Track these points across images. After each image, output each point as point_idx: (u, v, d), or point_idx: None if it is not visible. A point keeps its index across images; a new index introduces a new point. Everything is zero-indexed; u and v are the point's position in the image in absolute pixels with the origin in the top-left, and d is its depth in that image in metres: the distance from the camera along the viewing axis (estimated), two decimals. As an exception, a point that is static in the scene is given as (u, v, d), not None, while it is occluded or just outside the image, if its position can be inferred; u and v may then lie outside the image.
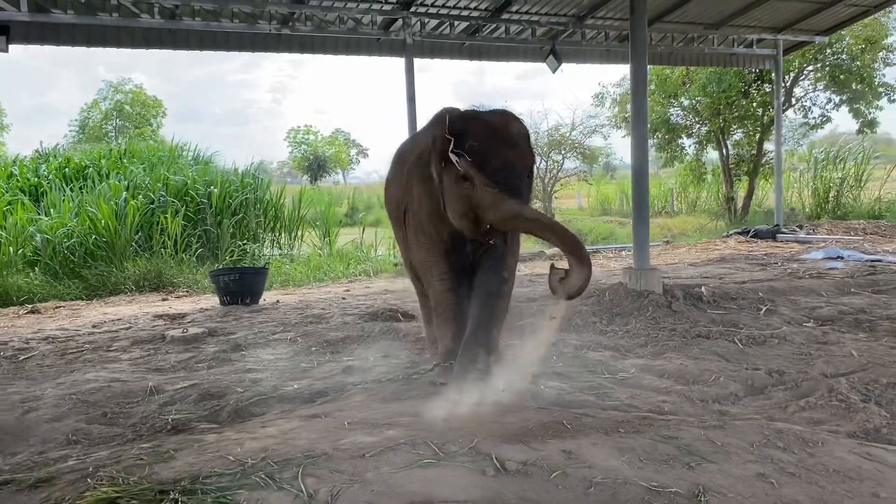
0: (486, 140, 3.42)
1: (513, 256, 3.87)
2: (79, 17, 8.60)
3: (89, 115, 48.46)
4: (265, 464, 2.65)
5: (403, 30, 10.37)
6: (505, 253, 3.74)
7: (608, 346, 5.15)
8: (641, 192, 6.64)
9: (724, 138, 18.23)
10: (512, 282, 3.88)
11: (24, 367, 5.18)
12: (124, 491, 2.45)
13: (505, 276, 3.76)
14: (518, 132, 3.59)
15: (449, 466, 2.56)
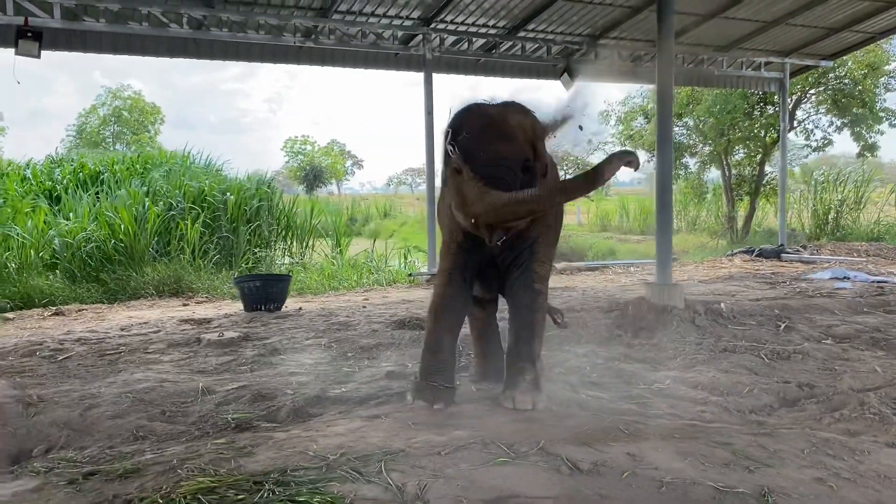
0: (479, 133, 3.30)
1: (541, 264, 3.68)
2: (109, 25, 8.77)
3: (87, 121, 48.49)
4: (346, 459, 2.79)
5: (424, 45, 10.57)
6: (532, 261, 3.63)
7: (638, 358, 5.30)
8: (665, 208, 6.84)
9: (728, 158, 18.51)
10: (545, 292, 3.76)
11: (67, 367, 5.29)
12: (220, 481, 2.58)
13: (536, 287, 3.65)
14: (518, 124, 3.39)
15: (523, 465, 2.70)
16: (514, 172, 3.26)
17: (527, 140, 3.34)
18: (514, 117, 3.38)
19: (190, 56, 9.86)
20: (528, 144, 3.34)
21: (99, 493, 2.66)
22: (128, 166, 13.97)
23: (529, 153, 3.33)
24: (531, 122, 3.42)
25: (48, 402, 4.11)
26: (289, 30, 9.80)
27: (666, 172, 6.83)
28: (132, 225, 10.31)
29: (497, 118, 3.36)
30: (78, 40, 9.12)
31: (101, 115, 48.45)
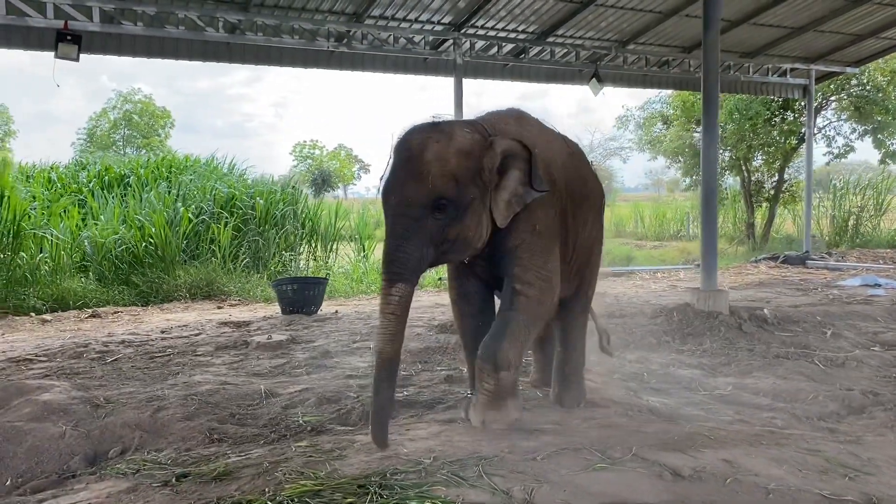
0: (394, 171, 3.07)
1: (524, 269, 3.30)
2: (147, 29, 8.80)
3: (98, 124, 48.66)
4: (441, 463, 2.78)
5: (454, 50, 10.58)
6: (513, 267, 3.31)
7: (692, 364, 5.28)
8: (711, 214, 6.82)
9: (748, 165, 18.47)
10: (533, 293, 3.30)
11: (121, 369, 5.30)
12: (323, 484, 2.58)
13: (517, 287, 3.29)
14: (436, 156, 3.01)
15: (623, 471, 2.69)
16: (417, 221, 2.97)
17: (445, 174, 2.98)
18: (432, 148, 3.01)
19: (223, 60, 9.88)
20: (446, 179, 2.98)
21: (199, 494, 2.66)
22: (152, 170, 14.00)
23: (448, 189, 2.99)
24: (457, 150, 3.05)
25: (115, 403, 4.12)
26: (322, 34, 9.82)
27: (711, 179, 6.83)
28: (164, 228, 10.34)
29: (416, 151, 3.03)
30: (114, 44, 9.15)
31: (111, 119, 48.60)
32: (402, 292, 2.97)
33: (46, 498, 2.90)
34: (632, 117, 19.70)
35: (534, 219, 3.32)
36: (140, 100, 48.79)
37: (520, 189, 3.19)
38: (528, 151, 3.19)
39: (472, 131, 3.18)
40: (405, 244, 2.98)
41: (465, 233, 3.12)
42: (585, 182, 3.78)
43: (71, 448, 3.60)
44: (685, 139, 18.46)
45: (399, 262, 2.98)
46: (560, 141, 3.77)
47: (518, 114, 3.69)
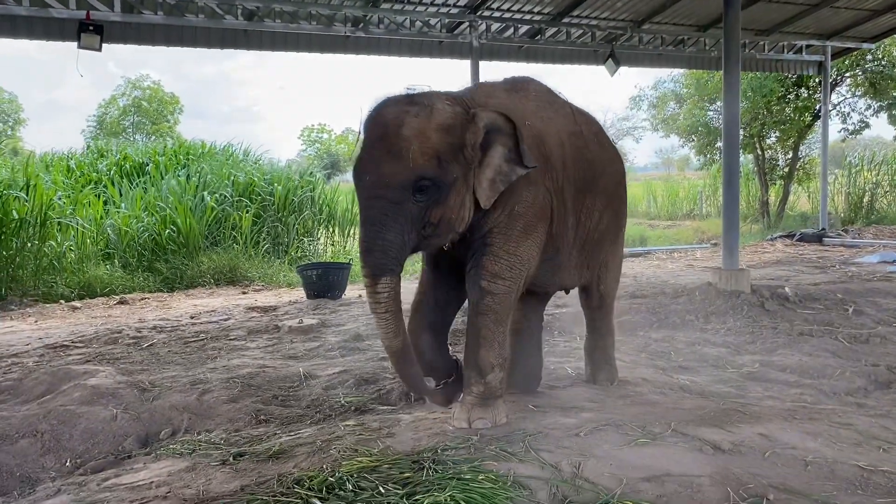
0: (369, 148, 2.82)
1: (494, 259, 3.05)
2: (167, 17, 8.87)
3: (107, 111, 48.74)
4: (487, 439, 2.89)
5: (470, 33, 10.61)
6: (482, 255, 3.07)
7: (717, 343, 5.37)
8: (732, 195, 6.88)
9: (761, 142, 18.43)
10: (500, 289, 3.06)
11: (158, 354, 5.44)
12: (379, 461, 2.70)
13: (483, 284, 3.05)
14: (415, 133, 2.74)
15: (664, 446, 2.79)
16: (397, 204, 2.72)
17: (426, 151, 2.73)
18: (411, 123, 2.75)
19: (241, 47, 9.94)
20: (426, 157, 2.73)
21: (258, 472, 2.78)
22: (169, 157, 14.12)
23: (429, 168, 2.73)
24: (438, 124, 2.79)
25: (161, 387, 4.25)
26: (339, 19, 9.87)
27: (732, 159, 6.87)
28: (188, 215, 10.48)
29: (392, 126, 2.76)
30: (133, 33, 9.22)
31: (120, 106, 48.63)
32: (390, 286, 2.75)
33: (109, 477, 3.03)
34: (645, 97, 19.62)
35: (514, 199, 3.05)
36: (149, 86, 48.80)
37: (504, 166, 2.94)
38: (512, 125, 2.94)
39: (452, 104, 2.90)
40: (385, 231, 2.72)
41: (448, 215, 2.86)
42: (592, 166, 3.43)
43: (123, 430, 3.74)
44: (699, 117, 18.42)
45: (380, 252, 2.73)
46: (565, 117, 3.43)
47: (515, 84, 3.42)
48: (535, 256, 3.18)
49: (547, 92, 3.51)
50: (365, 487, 2.45)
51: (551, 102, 3.45)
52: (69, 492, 2.85)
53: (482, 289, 3.06)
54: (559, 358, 4.69)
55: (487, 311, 3.07)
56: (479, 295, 3.07)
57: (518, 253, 3.08)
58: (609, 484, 2.45)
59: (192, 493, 2.60)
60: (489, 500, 2.31)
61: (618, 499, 2.33)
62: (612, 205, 3.62)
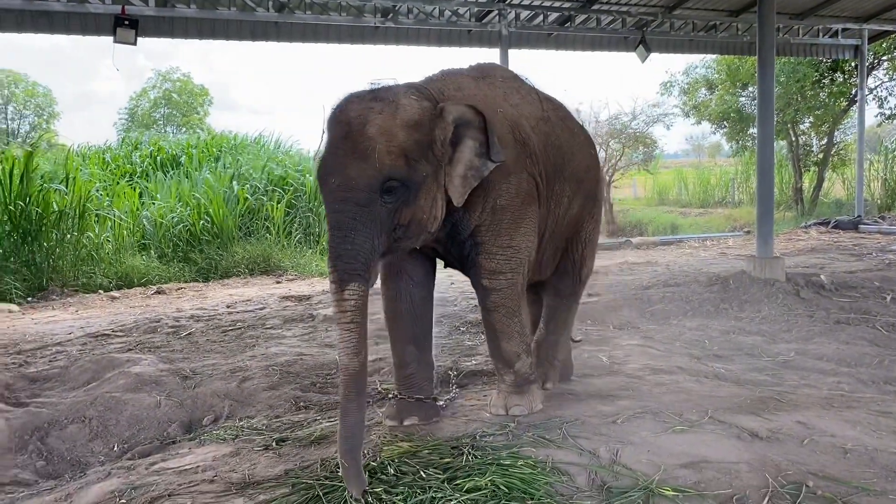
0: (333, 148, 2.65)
1: (490, 257, 3.02)
2: (199, 11, 8.99)
3: (138, 104, 49.37)
4: (525, 426, 2.93)
5: (499, 21, 10.58)
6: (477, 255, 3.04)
7: (752, 331, 5.34)
8: (766, 182, 6.81)
9: (795, 128, 18.15)
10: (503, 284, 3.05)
11: (197, 342, 5.55)
12: (419, 446, 2.75)
13: (485, 283, 3.05)
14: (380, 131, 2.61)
15: (702, 433, 2.81)
16: (364, 207, 2.57)
17: (393, 151, 2.60)
18: (375, 121, 2.62)
19: (271, 39, 10.03)
20: (393, 157, 2.60)
21: (301, 457, 2.85)
22: (202, 149, 14.31)
23: (397, 168, 2.61)
24: (405, 121, 2.67)
25: (202, 374, 4.35)
26: (368, 10, 9.91)
27: (767, 146, 6.79)
28: (222, 206, 10.64)
29: (356, 124, 2.62)
30: (167, 27, 9.36)
31: (151, 98, 49.22)
32: (357, 294, 2.58)
33: (156, 461, 3.12)
34: (675, 83, 19.38)
35: (494, 194, 2.97)
36: (179, 78, 49.34)
37: (475, 161, 2.83)
38: (482, 117, 2.82)
39: (419, 98, 2.78)
40: (352, 235, 2.56)
41: (418, 215, 2.74)
42: (561, 152, 3.32)
43: (167, 416, 3.85)
44: (730, 104, 18.18)
45: (348, 258, 2.56)
46: (532, 103, 3.32)
47: (482, 71, 3.32)
48: (533, 242, 3.13)
49: (513, 78, 3.42)
50: (406, 472, 2.51)
51: (518, 89, 3.34)
52: (119, 475, 2.94)
53: (485, 287, 3.05)
54: (593, 346, 4.70)
55: (496, 307, 3.07)
56: (484, 294, 3.07)
57: (513, 245, 3.03)
58: (647, 470, 2.48)
59: (239, 477, 2.68)
60: (529, 486, 2.35)
61: (656, 485, 2.36)
62: (581, 190, 3.48)
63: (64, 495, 2.82)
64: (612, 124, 20.70)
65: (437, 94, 2.94)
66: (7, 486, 3.17)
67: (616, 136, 20.99)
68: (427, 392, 3.26)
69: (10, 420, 3.72)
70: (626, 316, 5.88)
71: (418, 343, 3.30)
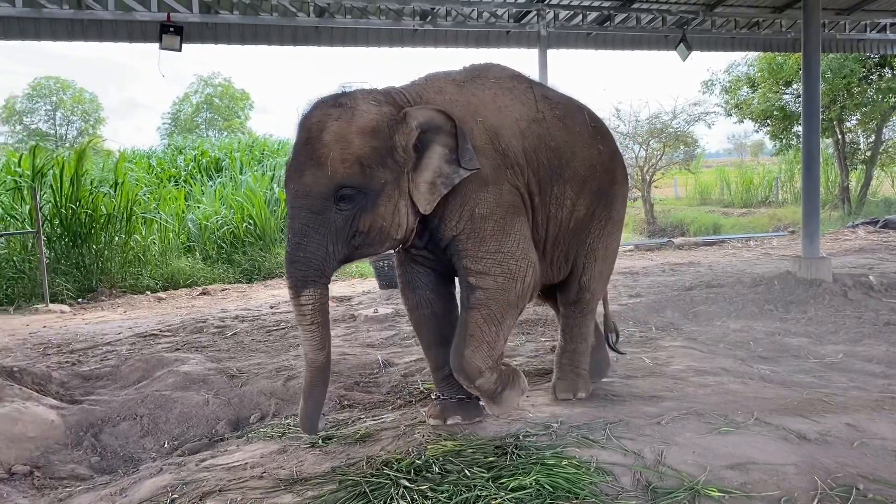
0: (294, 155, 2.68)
1: (476, 260, 2.86)
2: (242, 17, 9.13)
3: (181, 108, 50.35)
4: (568, 427, 2.93)
5: (538, 21, 10.55)
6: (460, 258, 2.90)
7: (798, 332, 5.26)
8: (812, 181, 6.69)
9: (840, 126, 17.76)
10: (491, 283, 2.87)
11: (242, 342, 5.66)
12: (463, 445, 2.78)
13: (471, 281, 2.89)
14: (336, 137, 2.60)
15: (748, 434, 2.78)
16: (318, 214, 2.58)
17: (346, 158, 2.58)
18: (331, 128, 2.61)
19: (312, 44, 10.14)
20: (347, 164, 2.58)
21: (347, 455, 2.90)
22: (244, 153, 14.55)
23: (351, 175, 2.58)
24: (360, 128, 2.63)
25: (248, 373, 4.45)
26: (407, 13, 9.96)
27: (812, 144, 6.67)
28: (264, 209, 10.81)
29: (314, 131, 2.63)
30: (210, 33, 9.53)
31: (193, 103, 50.16)
32: (313, 299, 2.63)
33: (206, 458, 3.20)
34: (717, 81, 19.10)
35: (471, 203, 2.84)
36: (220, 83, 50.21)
37: (445, 168, 2.74)
38: (451, 122, 2.74)
39: (379, 103, 2.74)
40: (306, 242, 2.59)
41: (378, 223, 2.69)
42: (558, 153, 3.17)
43: (215, 414, 3.94)
44: (773, 101, 17.86)
45: (302, 264, 2.60)
46: (525, 104, 3.15)
47: (473, 72, 3.19)
48: (528, 248, 2.95)
49: (508, 78, 3.23)
50: (450, 470, 2.54)
51: (511, 89, 3.17)
52: (170, 471, 3.02)
53: (470, 285, 2.89)
54: (635, 348, 4.68)
55: (478, 304, 2.86)
56: (469, 290, 2.89)
57: (504, 250, 2.87)
58: (692, 471, 2.47)
59: (286, 474, 2.74)
60: (573, 485, 2.36)
61: (702, 485, 2.35)
62: (586, 190, 3.29)
63: (119, 490, 2.91)
64: (653, 123, 20.48)
65: (413, 98, 2.89)
66: (65, 480, 3.28)
67: (656, 135, 20.75)
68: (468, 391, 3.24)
69: (65, 417, 3.85)
70: (668, 317, 5.84)
71: (449, 343, 3.16)
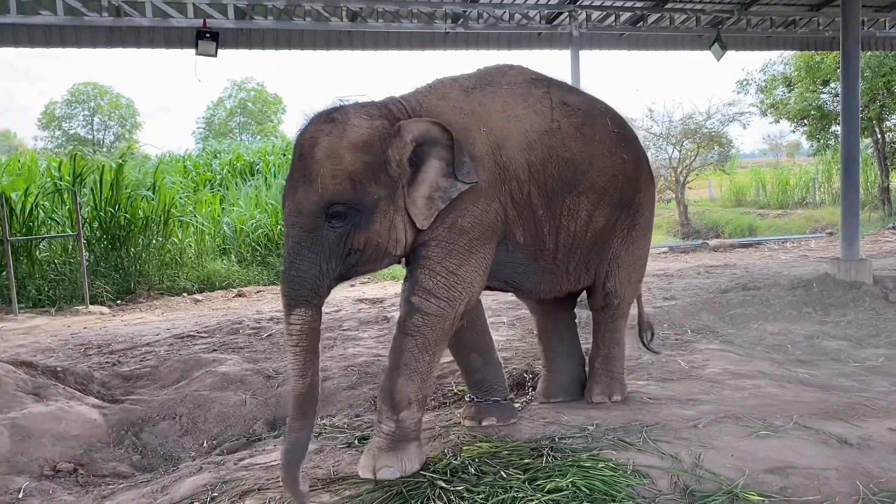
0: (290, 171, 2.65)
1: (431, 274, 2.72)
2: (276, 22, 9.25)
3: (215, 113, 51.01)
4: (604, 430, 2.93)
5: (570, 22, 10.52)
6: (416, 268, 2.76)
7: (837, 335, 5.18)
8: (851, 181, 6.58)
9: (880, 125, 17.41)
10: (433, 309, 2.71)
11: (277, 343, 5.72)
12: (499, 447, 2.79)
13: (413, 301, 2.72)
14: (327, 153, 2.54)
15: (787, 438, 2.75)
16: (311, 232, 2.52)
17: (337, 175, 2.52)
18: (322, 144, 2.56)
19: (344, 48, 10.22)
20: (338, 181, 2.52)
21: (383, 455, 2.91)
22: (278, 156, 14.71)
23: (342, 192, 2.52)
24: (351, 143, 2.57)
25: (284, 374, 4.49)
26: (439, 16, 9.99)
27: (852, 144, 6.56)
28: (296, 211, 10.91)
29: (306, 147, 2.58)
30: (245, 38, 9.66)
31: (227, 107, 50.77)
32: (303, 319, 2.52)
33: (244, 457, 3.25)
34: (752, 80, 18.84)
35: (457, 211, 2.74)
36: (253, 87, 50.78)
37: (442, 182, 2.66)
38: (448, 134, 2.67)
39: (372, 117, 2.67)
40: (299, 261, 2.53)
41: (373, 240, 2.62)
42: (572, 165, 3.04)
43: (252, 414, 4.01)
44: (810, 101, 17.56)
45: (294, 283, 2.53)
46: (539, 113, 3.03)
47: (485, 77, 3.07)
48: (479, 281, 2.84)
49: (524, 83, 3.10)
50: (487, 472, 2.55)
51: (525, 96, 3.05)
52: (210, 470, 3.08)
53: (412, 305, 2.71)
54: (671, 350, 4.64)
55: (414, 331, 2.70)
56: (407, 312, 2.73)
57: (459, 273, 2.73)
58: (731, 475, 2.45)
59: (324, 473, 2.77)
60: (610, 487, 2.35)
61: (741, 489, 2.33)
62: (605, 201, 3.16)
63: (160, 487, 2.97)
64: (686, 124, 20.27)
65: (412, 108, 2.81)
66: (107, 477, 3.36)
67: (690, 135, 20.53)
68: (502, 393, 3.27)
69: (107, 416, 3.94)
70: (703, 320, 5.78)
71: (478, 348, 3.26)
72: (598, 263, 3.30)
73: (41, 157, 14.97)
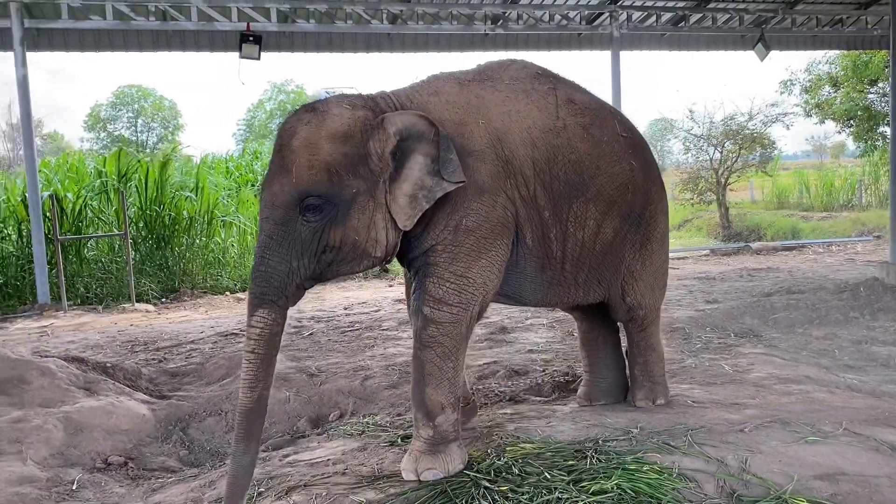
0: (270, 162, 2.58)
1: (439, 282, 2.65)
2: (318, 25, 9.37)
3: (255, 115, 51.68)
4: (648, 433, 2.91)
5: (611, 23, 10.46)
6: (425, 277, 2.68)
7: (887, 341, 5.06)
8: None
9: (932, 125, 16.98)
10: (446, 317, 2.65)
11: (319, 342, 5.80)
12: (542, 448, 2.79)
13: (426, 311, 2.65)
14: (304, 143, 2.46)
15: (836, 444, 2.71)
16: (283, 225, 2.42)
17: (313, 165, 2.43)
18: (301, 134, 2.48)
19: (385, 50, 10.32)
20: (314, 171, 2.43)
21: (426, 454, 2.94)
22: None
23: (317, 183, 2.42)
24: (329, 133, 2.48)
25: (326, 372, 4.56)
26: (479, 18, 10.03)
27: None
28: (336, 211, 11.02)
29: (285, 138, 2.50)
30: (287, 41, 9.85)
31: (267, 110, 51.37)
32: (265, 323, 2.41)
33: (289, 454, 3.30)
34: (796, 80, 18.52)
35: (461, 212, 2.63)
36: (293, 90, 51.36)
37: (427, 180, 2.53)
38: (434, 129, 2.55)
39: (355, 107, 2.58)
40: (269, 255, 2.42)
41: (350, 237, 2.50)
42: (579, 168, 2.90)
43: (296, 411, 4.06)
44: (857, 101, 17.21)
45: (261, 279, 2.43)
46: (542, 110, 2.90)
47: (485, 72, 2.98)
48: (493, 279, 2.74)
49: (528, 78, 2.99)
50: (530, 472, 2.55)
51: (528, 92, 2.92)
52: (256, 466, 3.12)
53: (425, 317, 2.65)
54: (714, 354, 4.60)
55: (432, 342, 2.64)
56: (422, 324, 2.66)
57: (469, 275, 2.65)
58: (779, 480, 2.42)
59: (368, 471, 2.80)
60: (655, 491, 2.34)
61: (790, 495, 2.30)
62: (614, 212, 3.03)
63: (207, 482, 3.03)
64: (727, 125, 19.98)
65: (401, 102, 2.72)
66: (156, 471, 3.44)
67: (731, 136, 20.23)
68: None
69: (155, 411, 4.03)
70: (747, 323, 5.70)
71: None
72: (611, 278, 3.18)
73: (88, 157, 15.33)
